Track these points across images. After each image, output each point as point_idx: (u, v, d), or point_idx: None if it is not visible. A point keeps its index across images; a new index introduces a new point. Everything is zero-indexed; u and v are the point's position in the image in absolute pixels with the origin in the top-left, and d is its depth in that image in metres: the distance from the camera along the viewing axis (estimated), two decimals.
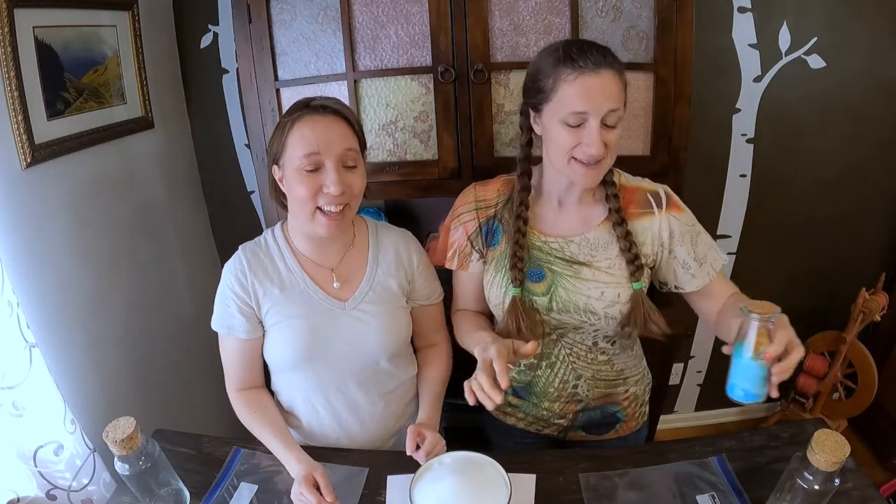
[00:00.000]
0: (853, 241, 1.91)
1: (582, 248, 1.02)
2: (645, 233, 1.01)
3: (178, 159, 1.77)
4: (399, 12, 1.28)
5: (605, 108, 0.89)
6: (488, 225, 1.08)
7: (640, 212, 1.01)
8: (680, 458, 1.00)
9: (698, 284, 1.02)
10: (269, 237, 1.10)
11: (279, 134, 0.98)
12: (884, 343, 1.94)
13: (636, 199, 1.02)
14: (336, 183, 0.95)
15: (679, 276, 1.03)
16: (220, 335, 1.08)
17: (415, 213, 1.84)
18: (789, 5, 1.59)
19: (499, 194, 1.09)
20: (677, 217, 1.01)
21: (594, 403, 1.13)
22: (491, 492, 0.84)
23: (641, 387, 1.18)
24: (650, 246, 1.02)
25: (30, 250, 1.19)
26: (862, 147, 1.76)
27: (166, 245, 1.71)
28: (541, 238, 1.04)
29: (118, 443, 0.83)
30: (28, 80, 1.16)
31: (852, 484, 0.90)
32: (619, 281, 1.00)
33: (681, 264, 1.02)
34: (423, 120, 1.36)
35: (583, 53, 0.90)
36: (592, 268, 1.01)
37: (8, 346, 1.02)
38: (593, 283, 1.01)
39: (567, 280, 1.02)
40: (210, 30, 1.67)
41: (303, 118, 0.96)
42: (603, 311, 1.01)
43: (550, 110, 0.93)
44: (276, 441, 1.02)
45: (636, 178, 1.06)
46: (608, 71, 0.89)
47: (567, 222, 1.04)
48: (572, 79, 0.89)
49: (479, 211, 1.09)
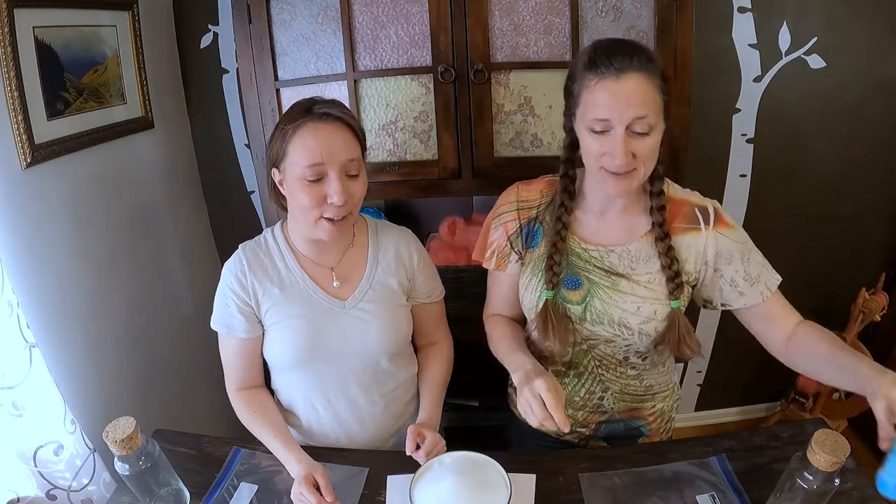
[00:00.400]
0: (853, 241, 1.91)
1: (622, 259, 0.98)
2: (689, 249, 0.97)
3: (178, 159, 1.77)
4: (399, 12, 1.28)
5: (629, 116, 0.84)
6: (529, 226, 1.05)
7: (685, 227, 0.97)
8: (680, 458, 1.00)
9: (747, 302, 0.97)
10: (268, 236, 1.09)
11: (279, 138, 0.96)
12: (884, 343, 1.93)
13: (682, 213, 0.97)
14: (339, 194, 0.94)
15: (726, 294, 0.98)
16: (219, 335, 1.08)
17: (415, 213, 1.84)
18: (789, 5, 1.59)
19: (541, 195, 1.05)
20: (725, 234, 0.96)
21: (619, 416, 1.11)
22: (491, 492, 0.84)
23: (669, 402, 1.15)
24: (693, 264, 0.97)
25: (30, 250, 1.19)
26: (862, 147, 1.76)
27: (166, 245, 1.71)
28: (581, 244, 1.01)
29: (118, 443, 0.83)
30: (28, 80, 1.16)
31: (852, 484, 0.90)
32: (658, 297, 0.97)
33: (728, 283, 0.97)
34: (423, 120, 1.36)
35: (606, 57, 0.85)
36: (631, 281, 0.97)
37: (8, 346, 1.02)
38: (630, 297, 0.97)
39: (604, 291, 0.99)
40: (210, 30, 1.67)
41: (305, 125, 0.94)
42: (637, 327, 0.98)
43: (579, 116, 0.90)
44: (276, 441, 1.02)
45: (685, 191, 1.01)
46: (634, 74, 0.83)
47: (609, 231, 1.00)
48: (593, 84, 0.86)
49: (521, 211, 1.05)
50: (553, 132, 1.36)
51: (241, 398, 1.09)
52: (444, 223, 1.72)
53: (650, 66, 0.85)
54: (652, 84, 0.85)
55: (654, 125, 0.86)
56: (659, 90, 0.86)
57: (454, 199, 1.74)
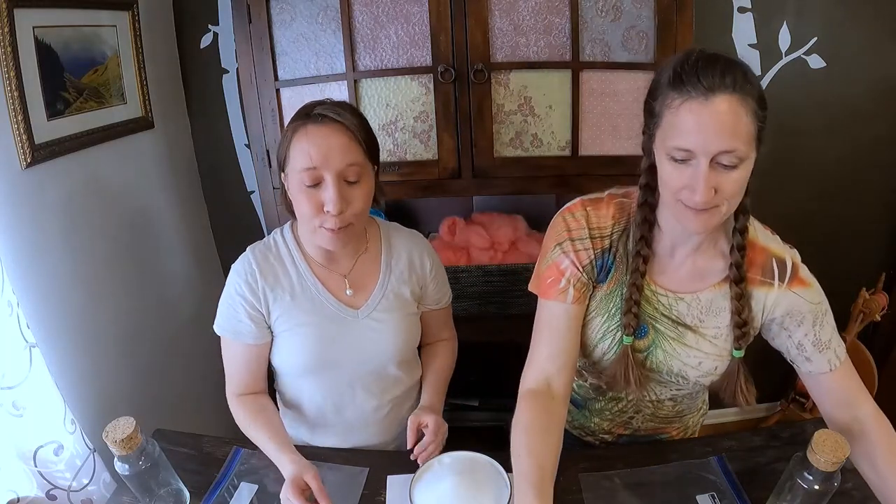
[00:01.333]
0: (853, 241, 1.91)
1: (692, 308, 0.89)
2: (758, 304, 0.87)
3: (178, 159, 1.77)
4: (399, 12, 1.28)
5: (716, 148, 0.71)
6: (603, 258, 0.90)
7: (760, 279, 0.86)
8: (680, 458, 1.00)
9: (813, 370, 0.87)
10: (278, 239, 1.05)
11: (284, 142, 0.94)
12: (884, 343, 1.93)
13: (759, 263, 0.86)
14: (335, 202, 0.90)
15: (793, 356, 0.90)
16: (223, 339, 1.04)
17: (415, 213, 1.84)
18: (789, 5, 1.59)
19: (614, 222, 0.90)
20: (800, 294, 0.86)
21: (643, 432, 1.09)
22: (491, 492, 0.84)
23: (696, 418, 1.14)
24: (759, 318, 0.89)
25: (30, 250, 1.19)
26: (862, 147, 1.76)
27: (166, 245, 1.71)
28: (651, 286, 0.90)
29: (118, 443, 0.83)
30: (28, 80, 1.16)
31: (852, 484, 0.89)
32: (721, 354, 0.90)
33: (795, 345, 0.88)
34: (423, 120, 1.36)
35: (694, 73, 0.72)
36: (697, 334, 0.90)
37: (8, 346, 1.02)
38: (694, 352, 0.90)
39: (668, 343, 0.91)
40: (210, 30, 1.67)
41: (302, 128, 0.91)
42: (695, 379, 0.93)
43: (659, 138, 0.78)
44: (271, 443, 0.97)
45: (766, 235, 0.90)
46: (726, 97, 0.70)
47: (679, 274, 0.89)
48: (676, 105, 0.73)
49: (595, 240, 0.90)
50: (553, 132, 1.36)
51: (241, 403, 1.05)
52: (444, 223, 1.72)
53: (746, 87, 0.72)
54: (746, 108, 0.72)
55: (743, 158, 0.73)
56: (755, 116, 0.73)
57: (454, 199, 1.74)
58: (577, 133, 1.35)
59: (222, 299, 1.03)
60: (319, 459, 1.03)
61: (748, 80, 0.73)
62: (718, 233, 0.87)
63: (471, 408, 1.89)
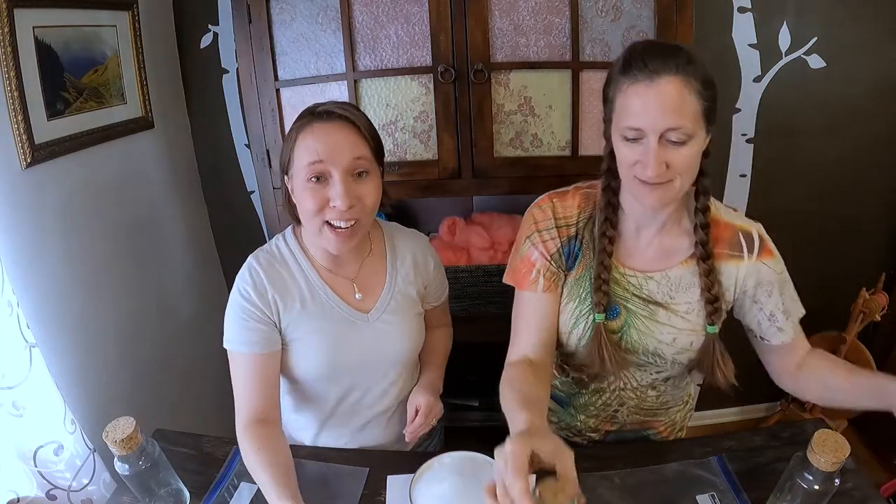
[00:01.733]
0: (853, 241, 1.91)
1: (661, 286, 0.93)
2: (730, 278, 0.91)
3: (178, 159, 1.77)
4: (399, 12, 1.28)
5: (662, 126, 0.77)
6: (570, 245, 0.96)
7: (728, 253, 0.91)
8: (680, 458, 1.00)
9: (784, 339, 0.93)
10: (281, 245, 1.02)
11: (286, 144, 0.93)
12: (884, 343, 1.94)
13: (726, 238, 0.91)
14: (342, 196, 0.88)
15: (764, 329, 0.94)
16: (233, 357, 0.97)
17: (415, 213, 1.84)
18: (789, 5, 1.59)
19: (579, 210, 0.96)
20: (769, 265, 0.90)
21: (630, 427, 1.10)
22: None
23: (682, 413, 1.15)
24: (732, 292, 0.93)
25: (30, 250, 1.19)
26: (862, 147, 1.76)
27: (166, 245, 1.71)
28: (619, 269, 0.94)
29: (118, 443, 0.83)
30: (28, 80, 1.16)
31: (852, 484, 0.89)
32: (695, 328, 0.93)
33: (767, 316, 0.92)
34: (423, 120, 1.36)
35: (640, 58, 0.79)
36: (669, 310, 0.93)
37: (8, 346, 1.02)
38: (667, 328, 0.93)
39: (641, 321, 0.94)
40: (210, 30, 1.67)
41: (307, 126, 0.90)
42: (671, 357, 0.96)
43: (614, 122, 0.84)
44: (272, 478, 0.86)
45: (729, 212, 0.94)
46: (670, 78, 0.77)
47: (646, 254, 0.94)
48: (625, 89, 0.80)
49: (561, 229, 0.96)
50: (553, 132, 1.36)
51: (251, 436, 0.93)
52: (444, 223, 1.72)
53: (689, 69, 0.78)
54: (690, 88, 0.78)
55: (691, 134, 0.79)
56: (699, 95, 0.78)
57: (454, 199, 1.74)
58: (577, 133, 1.35)
59: (229, 312, 0.98)
60: (320, 459, 1.03)
61: (691, 63, 0.79)
62: (681, 212, 0.92)
63: (471, 408, 1.89)
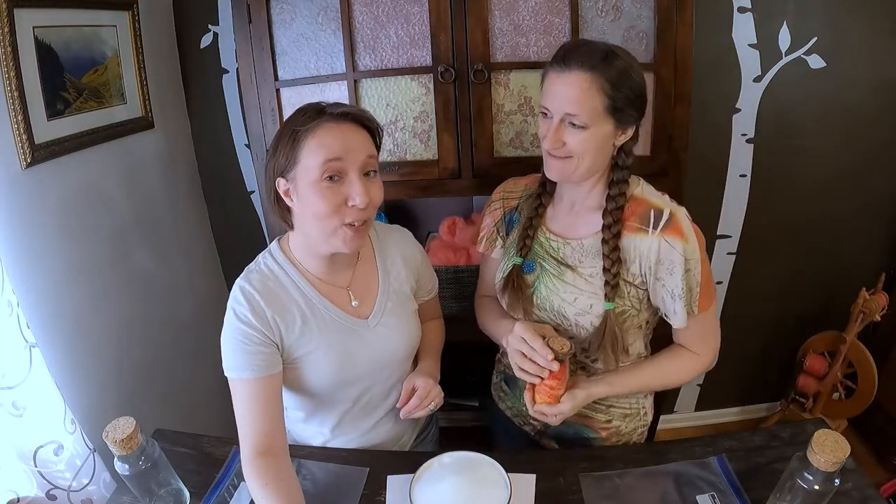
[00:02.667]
0: (853, 241, 1.91)
1: (574, 251, 1.02)
2: (635, 251, 0.96)
3: (178, 159, 1.77)
4: (399, 12, 1.28)
5: (561, 110, 0.90)
6: (510, 214, 1.13)
7: (636, 226, 0.96)
8: (680, 458, 1.00)
9: (679, 322, 0.98)
10: (270, 262, 0.98)
11: (289, 144, 0.87)
12: (884, 343, 1.93)
13: (638, 213, 0.97)
14: (362, 195, 0.87)
15: (667, 306, 0.98)
16: (235, 384, 0.92)
17: (415, 213, 1.85)
18: (789, 5, 1.59)
19: (525, 188, 1.13)
20: (671, 243, 0.93)
21: (571, 420, 1.06)
22: (491, 492, 0.84)
23: (631, 425, 1.12)
24: (638, 266, 0.97)
25: (30, 250, 1.19)
26: (862, 147, 1.76)
27: (166, 245, 1.71)
28: (545, 234, 1.06)
29: (118, 443, 0.83)
30: (28, 80, 1.16)
31: (852, 484, 0.89)
32: (595, 292, 0.99)
33: (669, 294, 0.96)
34: (423, 120, 1.36)
35: (563, 52, 0.91)
36: (575, 273, 1.01)
37: (8, 346, 1.02)
38: (571, 288, 1.01)
39: (550, 279, 1.03)
40: (210, 30, 1.67)
41: (322, 125, 0.87)
42: (574, 318, 1.00)
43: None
44: None
45: (654, 193, 1.00)
46: (577, 72, 0.88)
47: (572, 225, 1.04)
48: (547, 74, 0.93)
49: (505, 201, 1.14)
50: None
51: (259, 470, 0.89)
52: (444, 223, 1.72)
53: (600, 67, 0.88)
54: (595, 85, 0.88)
55: (588, 124, 0.90)
56: (603, 93, 0.88)
57: (454, 199, 1.74)
58: None
59: (226, 338, 0.93)
60: (320, 459, 1.04)
61: (607, 63, 0.88)
62: (602, 191, 1.01)
63: (471, 408, 1.89)
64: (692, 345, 1.04)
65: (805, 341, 2.02)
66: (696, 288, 0.96)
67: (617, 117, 0.91)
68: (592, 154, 0.93)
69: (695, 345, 1.04)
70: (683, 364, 1.04)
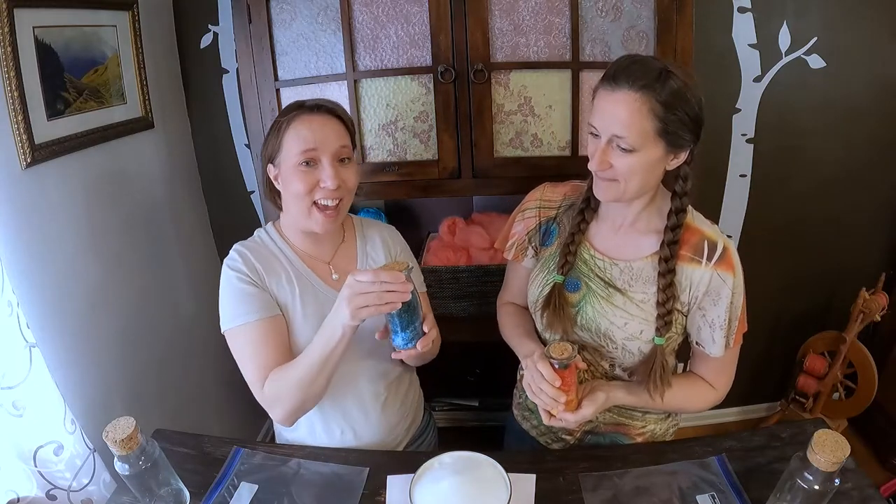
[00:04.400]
0: (853, 242, 1.91)
1: (623, 273, 0.99)
2: (687, 280, 0.95)
3: (178, 159, 1.77)
4: (399, 12, 1.28)
5: (609, 131, 0.87)
6: (547, 225, 1.09)
7: (689, 256, 0.95)
8: (680, 458, 1.00)
9: (717, 352, 0.97)
10: (262, 235, 1.11)
11: (275, 134, 1.01)
12: (884, 343, 1.94)
13: (692, 243, 0.95)
14: (332, 177, 0.98)
15: (703, 335, 0.98)
16: (234, 334, 1.01)
17: (415, 213, 1.85)
18: (789, 5, 1.59)
19: (563, 198, 1.08)
20: (723, 276, 0.93)
21: (604, 429, 1.09)
22: (491, 492, 0.84)
23: (663, 427, 1.12)
24: (688, 295, 0.96)
25: (30, 250, 1.19)
26: (862, 147, 1.76)
27: (166, 245, 1.71)
28: (590, 251, 1.02)
29: (118, 443, 0.83)
30: (28, 80, 1.16)
31: (852, 484, 0.89)
32: (647, 318, 0.97)
33: (708, 323, 0.96)
34: (423, 120, 1.36)
35: (614, 69, 0.87)
36: (626, 296, 0.98)
37: (8, 346, 1.02)
38: (621, 312, 0.98)
39: (598, 300, 1.00)
40: (210, 30, 1.67)
41: (299, 117, 0.99)
42: (621, 342, 0.98)
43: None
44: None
45: (705, 223, 0.99)
46: (627, 93, 0.84)
47: (619, 245, 1.01)
48: (598, 92, 0.90)
49: (542, 210, 1.09)
50: (553, 132, 1.36)
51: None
52: (444, 223, 1.72)
53: (653, 88, 0.83)
54: (645, 107, 0.84)
55: (637, 147, 0.86)
56: (654, 115, 0.84)
57: (454, 199, 1.74)
58: (577, 133, 1.35)
59: (223, 292, 1.03)
60: (320, 459, 1.04)
61: (660, 83, 0.84)
62: (651, 213, 0.98)
63: (471, 408, 1.89)
64: (712, 375, 1.03)
65: (805, 341, 2.03)
66: (734, 321, 0.96)
67: (669, 140, 0.87)
68: (640, 178, 0.90)
69: (714, 376, 1.03)
70: (699, 394, 1.03)
